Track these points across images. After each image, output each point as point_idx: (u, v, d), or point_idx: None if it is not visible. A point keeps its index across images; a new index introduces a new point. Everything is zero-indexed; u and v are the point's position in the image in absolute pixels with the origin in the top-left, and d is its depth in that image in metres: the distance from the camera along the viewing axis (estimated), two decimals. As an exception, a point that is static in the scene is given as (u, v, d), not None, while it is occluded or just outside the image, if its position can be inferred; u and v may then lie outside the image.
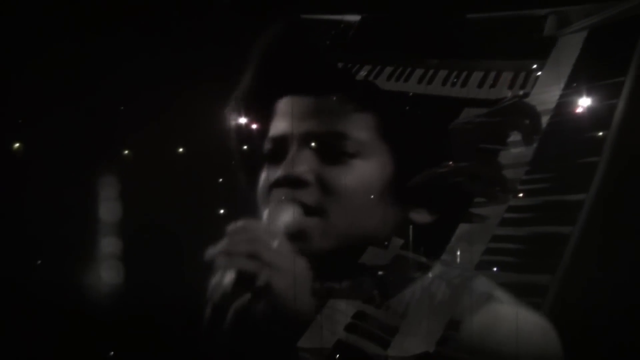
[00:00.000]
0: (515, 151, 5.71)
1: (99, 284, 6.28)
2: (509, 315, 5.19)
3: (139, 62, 6.07)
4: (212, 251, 5.98)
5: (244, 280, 5.86)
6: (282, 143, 6.17)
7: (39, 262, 6.08)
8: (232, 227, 5.91)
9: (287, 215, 5.72)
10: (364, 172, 5.65)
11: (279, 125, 6.04)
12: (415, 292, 5.51)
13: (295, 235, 6.03)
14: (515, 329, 5.06)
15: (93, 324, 5.79)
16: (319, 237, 5.93)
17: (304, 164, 5.86)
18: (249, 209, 5.85)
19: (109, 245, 6.45)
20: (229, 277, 5.63)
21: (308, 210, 5.88)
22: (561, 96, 5.69)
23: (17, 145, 6.34)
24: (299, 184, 5.91)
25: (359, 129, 5.79)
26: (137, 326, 5.85)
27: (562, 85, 5.65)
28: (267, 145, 6.25)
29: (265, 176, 6.01)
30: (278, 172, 5.94)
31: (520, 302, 5.12)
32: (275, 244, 5.51)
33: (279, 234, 5.42)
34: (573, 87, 5.71)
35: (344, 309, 5.61)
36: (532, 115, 5.66)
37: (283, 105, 6.13)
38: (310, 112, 5.81)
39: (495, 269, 5.31)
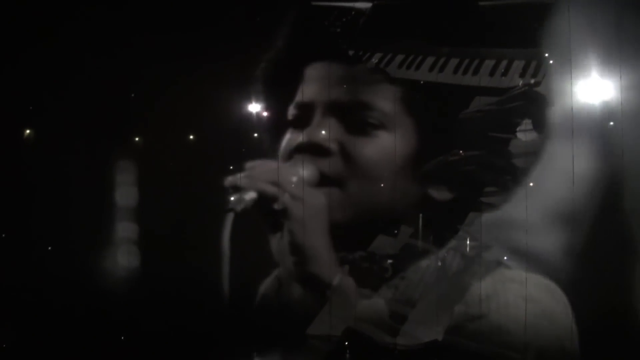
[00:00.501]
0: (526, 140, 5.69)
1: (113, 267, 6.32)
2: (516, 278, 5.18)
3: (150, 46, 6.06)
4: (233, 178, 6.07)
5: (264, 200, 5.97)
6: (307, 109, 6.21)
7: (50, 248, 6.13)
8: (253, 162, 6.00)
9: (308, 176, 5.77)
10: (387, 144, 5.67)
11: (306, 91, 6.05)
12: (430, 265, 5.51)
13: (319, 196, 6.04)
14: (524, 291, 5.07)
15: (111, 306, 5.83)
16: (336, 207, 5.97)
17: (327, 131, 5.91)
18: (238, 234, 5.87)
19: (121, 229, 6.48)
20: (250, 196, 5.76)
21: (327, 179, 5.92)
22: (572, 85, 5.66)
23: (27, 131, 6.36)
24: (321, 152, 5.97)
25: (385, 100, 5.80)
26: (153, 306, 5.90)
27: (573, 74, 5.62)
28: (292, 110, 6.28)
29: (288, 139, 6.04)
30: (301, 138, 5.98)
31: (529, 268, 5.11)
32: (294, 179, 5.64)
33: (298, 174, 5.58)
34: (585, 76, 5.69)
35: (353, 297, 5.64)
36: (542, 104, 5.63)
37: (311, 71, 6.14)
38: (337, 81, 5.82)
39: (505, 257, 5.33)
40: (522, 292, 5.00)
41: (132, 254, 6.08)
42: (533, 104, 5.50)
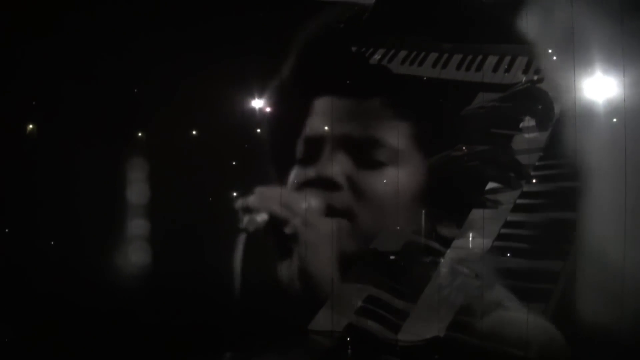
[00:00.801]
0: (529, 137, 5.68)
1: (121, 264, 6.34)
2: (516, 320, 5.20)
3: (153, 44, 6.07)
4: (243, 200, 6.09)
5: (275, 222, 6.03)
6: (316, 143, 6.26)
7: (52, 243, 6.14)
8: (262, 187, 6.03)
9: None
10: (396, 180, 5.71)
11: (315, 125, 6.11)
12: (431, 279, 5.53)
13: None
14: (524, 332, 5.10)
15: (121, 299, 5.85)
16: (345, 238, 6.04)
17: (337, 166, 5.97)
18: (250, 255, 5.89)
19: (131, 226, 6.49)
20: (261, 217, 5.83)
21: (337, 212, 5.99)
22: (575, 81, 5.65)
23: (30, 126, 6.37)
24: (331, 186, 6.03)
25: (396, 136, 5.84)
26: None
27: (576, 70, 5.61)
28: (301, 145, 6.33)
29: (295, 175, 6.06)
30: (311, 172, 6.04)
31: (527, 309, 5.16)
32: (304, 205, 5.67)
33: (307, 204, 5.60)
34: (588, 72, 5.67)
35: (355, 293, 5.65)
36: (545, 101, 5.62)
37: (321, 104, 6.17)
38: (348, 115, 5.86)
39: (508, 254, 5.33)
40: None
41: (141, 250, 6.09)
42: (535, 101, 5.50)
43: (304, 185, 5.74)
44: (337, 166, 5.65)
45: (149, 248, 6.07)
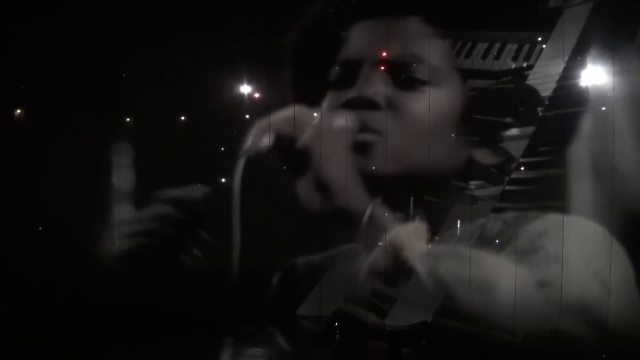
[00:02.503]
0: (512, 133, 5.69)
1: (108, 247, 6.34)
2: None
3: (142, 27, 6.01)
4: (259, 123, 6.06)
5: (282, 140, 6.01)
6: (353, 66, 6.26)
7: (40, 228, 6.13)
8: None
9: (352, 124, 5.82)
10: (434, 100, 5.70)
11: (351, 48, 6.10)
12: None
13: (357, 147, 6.15)
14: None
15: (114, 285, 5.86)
16: (380, 157, 6.02)
17: (376, 86, 5.97)
18: (251, 178, 5.89)
19: (117, 211, 6.48)
20: (266, 139, 5.85)
21: (375, 131, 5.98)
22: (565, 69, 5.65)
23: (18, 111, 6.32)
24: (370, 106, 6.02)
25: (434, 54, 5.83)
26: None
27: (566, 58, 5.61)
28: (335, 70, 6.29)
29: (330, 101, 6.05)
30: (350, 94, 6.05)
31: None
32: (315, 114, 5.67)
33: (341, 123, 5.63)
34: (577, 60, 5.67)
35: (343, 279, 5.67)
36: (529, 100, 5.60)
37: (357, 29, 6.15)
38: (385, 35, 5.82)
39: (497, 240, 5.35)
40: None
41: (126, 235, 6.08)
42: (518, 100, 5.50)
43: (343, 105, 5.74)
44: (376, 86, 5.66)
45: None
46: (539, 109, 5.51)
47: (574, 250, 4.95)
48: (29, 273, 5.59)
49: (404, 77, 5.66)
